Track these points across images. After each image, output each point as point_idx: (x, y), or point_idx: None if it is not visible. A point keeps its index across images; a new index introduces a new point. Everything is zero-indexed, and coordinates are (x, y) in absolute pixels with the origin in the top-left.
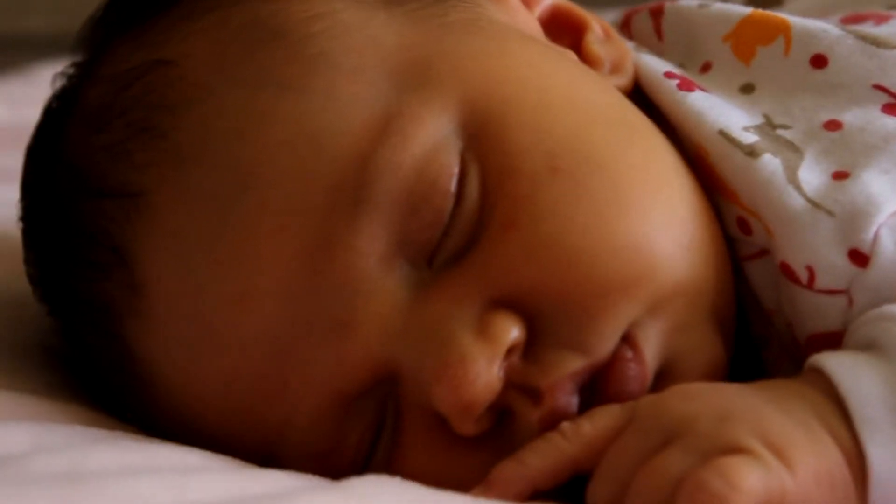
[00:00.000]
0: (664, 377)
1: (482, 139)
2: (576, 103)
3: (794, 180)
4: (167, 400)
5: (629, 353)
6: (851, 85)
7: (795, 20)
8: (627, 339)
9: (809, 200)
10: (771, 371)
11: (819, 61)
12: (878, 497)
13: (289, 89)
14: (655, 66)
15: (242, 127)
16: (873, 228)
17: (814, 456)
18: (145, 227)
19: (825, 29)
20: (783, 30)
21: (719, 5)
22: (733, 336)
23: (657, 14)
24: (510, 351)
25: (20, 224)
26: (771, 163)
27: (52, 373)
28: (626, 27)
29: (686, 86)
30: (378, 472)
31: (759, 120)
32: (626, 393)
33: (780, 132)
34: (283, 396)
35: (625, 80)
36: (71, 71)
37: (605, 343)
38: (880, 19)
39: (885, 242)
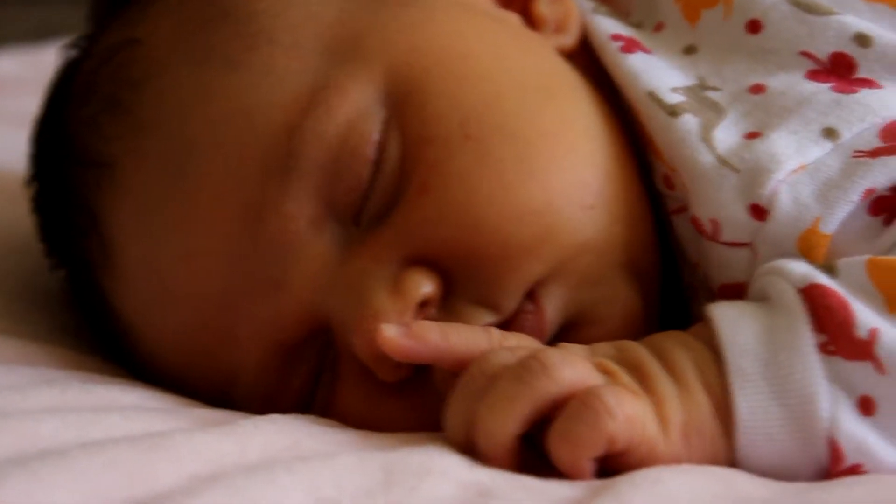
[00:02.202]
0: (578, 327)
1: (404, 108)
2: (496, 71)
3: (707, 138)
4: (139, 345)
5: (530, 307)
6: (781, 50)
7: None
8: (531, 296)
9: (718, 157)
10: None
11: (754, 26)
12: (745, 446)
13: (232, 65)
14: (605, 27)
15: (190, 101)
16: (772, 184)
17: (683, 413)
18: (113, 193)
19: None
20: None
21: None
22: (656, 285)
23: None
24: (425, 304)
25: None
26: (689, 122)
27: (68, 317)
28: None
29: (628, 48)
30: (319, 413)
31: (692, 81)
32: None
33: (709, 93)
34: (232, 346)
35: (569, 38)
36: (79, 43)
37: (510, 300)
38: None
39: (783, 198)
